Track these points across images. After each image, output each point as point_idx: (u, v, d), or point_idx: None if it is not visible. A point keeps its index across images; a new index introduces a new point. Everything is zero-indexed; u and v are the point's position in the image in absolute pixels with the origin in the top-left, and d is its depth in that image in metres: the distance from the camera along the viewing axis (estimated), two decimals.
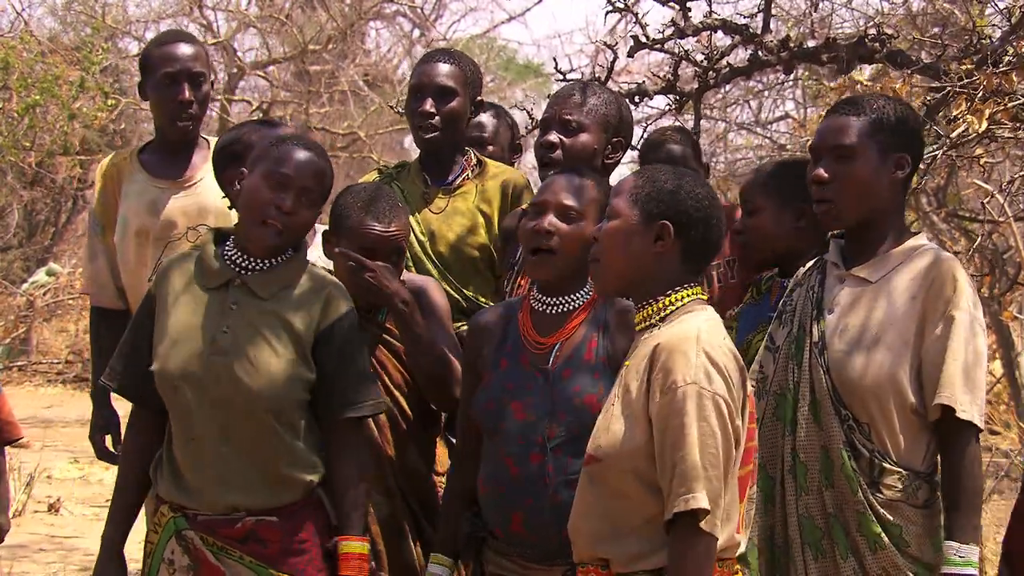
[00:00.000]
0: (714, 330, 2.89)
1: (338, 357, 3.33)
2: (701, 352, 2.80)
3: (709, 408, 2.77)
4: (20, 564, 6.83)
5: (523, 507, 3.21)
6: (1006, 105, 4.58)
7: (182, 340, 3.29)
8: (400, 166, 4.41)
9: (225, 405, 3.26)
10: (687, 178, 2.98)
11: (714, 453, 2.77)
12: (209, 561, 3.27)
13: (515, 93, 17.84)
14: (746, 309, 3.80)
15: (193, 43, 4.52)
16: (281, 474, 3.28)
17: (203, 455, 3.27)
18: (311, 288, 3.35)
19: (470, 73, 4.29)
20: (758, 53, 5.17)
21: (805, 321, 3.34)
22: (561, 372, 3.26)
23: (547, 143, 3.86)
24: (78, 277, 15.06)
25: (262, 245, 3.31)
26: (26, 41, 11.67)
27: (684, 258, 2.94)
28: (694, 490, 2.74)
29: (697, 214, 2.93)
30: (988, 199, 5.61)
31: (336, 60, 14.99)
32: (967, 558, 3.15)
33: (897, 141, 3.28)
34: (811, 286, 3.39)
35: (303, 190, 3.30)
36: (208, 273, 3.34)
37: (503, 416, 3.26)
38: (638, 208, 2.94)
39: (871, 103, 3.32)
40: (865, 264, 3.31)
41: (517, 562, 3.26)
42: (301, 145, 3.37)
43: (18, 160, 12.51)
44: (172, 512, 3.31)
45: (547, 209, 3.32)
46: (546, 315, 3.33)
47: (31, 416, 11.93)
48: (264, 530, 3.28)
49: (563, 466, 3.18)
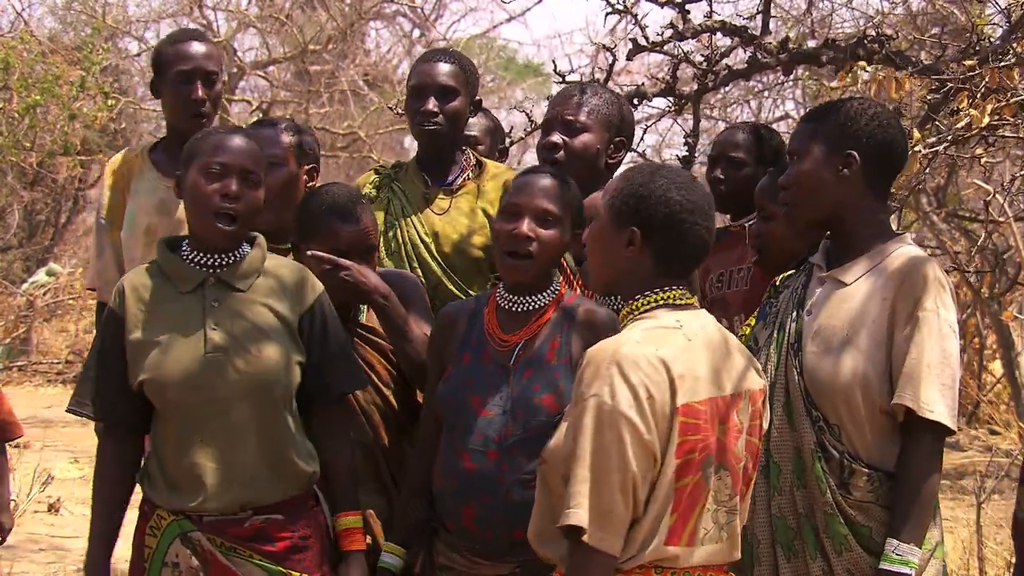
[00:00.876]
0: (649, 340, 2.81)
1: (322, 336, 3.36)
2: (613, 365, 2.76)
3: (606, 424, 2.74)
4: (20, 564, 6.83)
5: (476, 503, 3.22)
6: (1008, 100, 4.59)
7: (172, 346, 3.29)
8: (397, 166, 4.41)
9: (231, 400, 3.26)
10: (663, 182, 2.90)
11: (606, 469, 2.73)
12: (220, 561, 3.27)
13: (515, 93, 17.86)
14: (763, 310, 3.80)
15: (206, 42, 4.54)
16: (289, 465, 3.31)
17: (213, 455, 3.27)
18: (284, 272, 3.39)
19: (470, 73, 4.30)
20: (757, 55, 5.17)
21: (785, 322, 3.36)
22: (522, 371, 3.28)
23: (550, 144, 3.86)
24: (78, 277, 15.07)
25: (221, 236, 3.32)
26: (26, 41, 11.68)
27: (657, 262, 2.91)
28: (574, 506, 2.73)
29: (667, 220, 2.88)
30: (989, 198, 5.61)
31: (336, 60, 15.00)
32: (905, 557, 3.13)
33: (843, 139, 3.31)
34: (795, 287, 3.42)
35: (243, 172, 3.32)
36: (178, 278, 3.35)
37: (463, 410, 3.29)
38: (612, 212, 2.93)
39: (831, 106, 3.39)
40: (842, 266, 3.33)
41: (467, 556, 3.27)
42: (227, 132, 3.39)
43: (18, 160, 12.51)
44: (173, 515, 3.31)
45: (523, 212, 3.33)
46: (512, 313, 3.35)
47: (31, 416, 11.92)
48: (271, 528, 3.29)
49: (517, 465, 3.20)
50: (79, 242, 17.74)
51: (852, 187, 3.32)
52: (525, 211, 3.32)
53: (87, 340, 14.81)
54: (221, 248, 3.34)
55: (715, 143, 4.75)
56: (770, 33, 5.35)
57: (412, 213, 4.20)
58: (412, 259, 4.16)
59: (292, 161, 3.90)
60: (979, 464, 9.19)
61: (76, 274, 15.28)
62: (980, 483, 6.83)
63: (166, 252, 3.38)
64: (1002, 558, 6.33)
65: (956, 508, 8.06)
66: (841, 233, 3.36)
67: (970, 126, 4.61)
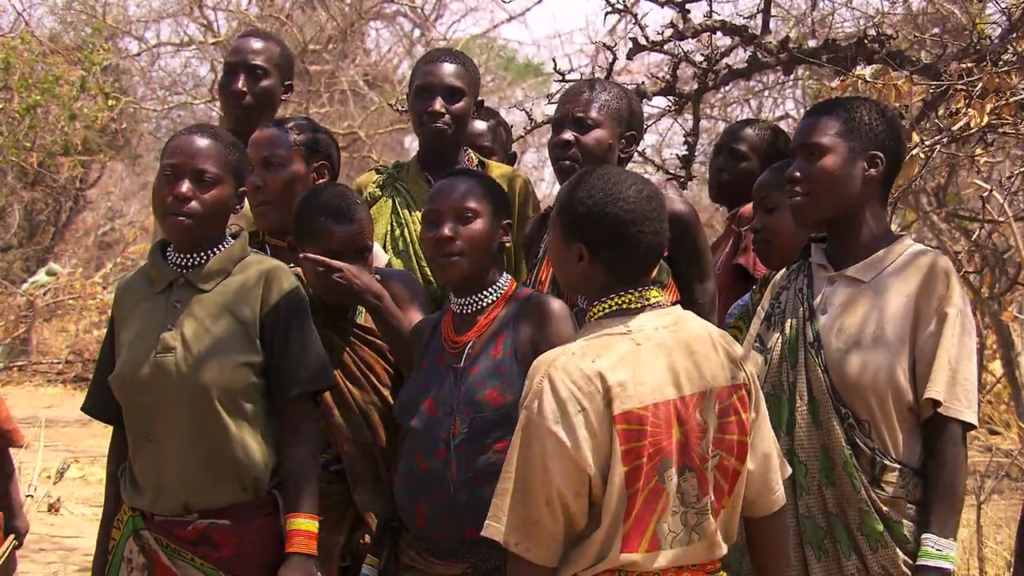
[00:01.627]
0: (588, 350, 2.82)
1: (284, 336, 3.36)
2: (545, 378, 2.78)
3: (532, 436, 2.77)
4: (20, 564, 6.81)
5: (427, 502, 3.25)
6: (1007, 100, 4.59)
7: (134, 347, 3.34)
8: (398, 166, 4.41)
9: (176, 402, 3.28)
10: (601, 195, 2.89)
11: (531, 482, 2.76)
12: (163, 562, 3.29)
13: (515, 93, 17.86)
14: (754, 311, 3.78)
15: (265, 39, 4.58)
16: (232, 468, 3.29)
17: (157, 456, 3.30)
18: (253, 273, 3.39)
19: (474, 73, 4.31)
20: (757, 54, 5.17)
21: (798, 323, 3.35)
22: (469, 369, 3.31)
23: (562, 142, 3.86)
24: (78, 277, 15.08)
25: (177, 237, 3.35)
26: (27, 41, 11.67)
27: (608, 271, 2.91)
28: (491, 518, 2.79)
29: (609, 235, 2.88)
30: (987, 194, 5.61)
31: (336, 60, 15.01)
32: (944, 552, 3.15)
33: (869, 139, 3.31)
34: (799, 288, 3.40)
35: (195, 172, 3.31)
36: (153, 279, 3.40)
37: (414, 413, 3.33)
38: (559, 228, 2.95)
39: (847, 103, 3.37)
40: (855, 265, 3.33)
41: (423, 556, 3.30)
42: (185, 132, 3.40)
43: (19, 160, 12.51)
44: (131, 511, 3.35)
45: (442, 216, 3.38)
46: (462, 315, 3.40)
47: (31, 416, 11.91)
48: (216, 533, 3.29)
49: (465, 463, 3.21)
50: (79, 242, 17.75)
51: (872, 187, 3.33)
52: (443, 214, 3.38)
53: (87, 340, 14.82)
54: (189, 248, 3.36)
55: (723, 133, 4.76)
56: (770, 33, 5.35)
57: (417, 212, 4.20)
58: (421, 258, 4.16)
59: (297, 161, 3.89)
60: (979, 464, 9.18)
61: (76, 274, 15.28)
62: (980, 483, 6.83)
63: (155, 252, 3.42)
64: (1002, 558, 6.33)
65: None
66: (849, 231, 3.35)
67: (968, 126, 4.61)
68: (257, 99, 4.48)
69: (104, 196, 18.60)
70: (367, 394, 3.65)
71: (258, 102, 4.49)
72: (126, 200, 19.20)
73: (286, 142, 3.89)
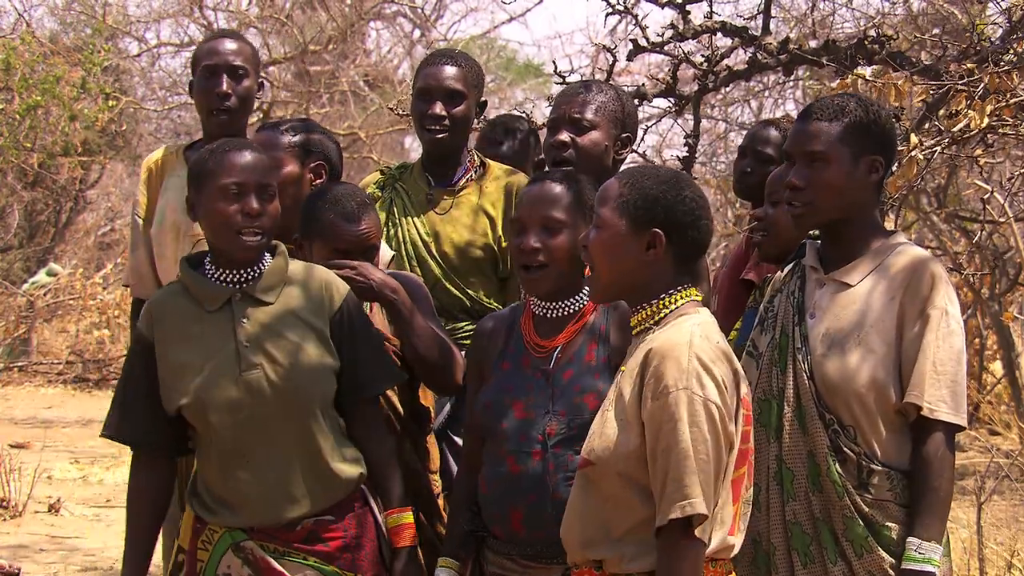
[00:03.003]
0: (707, 333, 2.88)
1: (353, 338, 3.37)
2: (693, 357, 2.81)
3: (700, 413, 2.79)
4: (20, 564, 6.82)
5: (523, 505, 3.21)
6: (1007, 101, 4.59)
7: (205, 368, 3.28)
8: (402, 167, 4.41)
9: (271, 416, 3.26)
10: (672, 181, 2.97)
11: (705, 459, 2.78)
12: (272, 566, 3.28)
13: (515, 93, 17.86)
14: (749, 312, 3.79)
15: (239, 40, 4.57)
16: (333, 474, 3.31)
17: (256, 474, 3.27)
18: (307, 279, 3.37)
19: (476, 76, 4.30)
20: (758, 55, 5.17)
21: (787, 326, 3.34)
22: (562, 373, 3.27)
23: (558, 143, 3.85)
24: (79, 278, 15.08)
25: (249, 253, 3.30)
26: (27, 42, 11.67)
27: (677, 261, 2.96)
28: (690, 496, 2.76)
29: (686, 218, 2.94)
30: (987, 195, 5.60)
31: (336, 60, 14.99)
32: (927, 555, 3.13)
33: (869, 144, 3.28)
34: (791, 291, 3.39)
35: (260, 188, 3.30)
36: (204, 298, 3.32)
37: (503, 415, 3.27)
38: (626, 217, 2.94)
39: (842, 106, 3.32)
40: (844, 267, 3.31)
41: (517, 561, 3.26)
42: (236, 148, 3.35)
43: (19, 161, 12.51)
44: (224, 527, 3.32)
45: (528, 225, 3.31)
46: (547, 319, 3.34)
47: (31, 416, 11.93)
48: (323, 530, 3.31)
49: (563, 463, 3.18)
50: (79, 242, 17.75)
51: (870, 190, 3.31)
52: (529, 223, 3.31)
53: (87, 340, 14.82)
54: (246, 263, 3.32)
55: (747, 136, 4.75)
56: (770, 33, 5.35)
57: (414, 213, 4.21)
58: (412, 259, 4.16)
59: (291, 162, 3.88)
60: (979, 465, 9.18)
61: (76, 274, 15.28)
62: (980, 483, 6.83)
63: (189, 271, 3.35)
64: (1002, 558, 6.32)
65: (956, 508, 8.04)
66: (844, 234, 3.33)
67: (968, 127, 4.61)
68: (239, 100, 4.48)
69: (104, 196, 18.60)
70: None
71: (240, 103, 4.50)
72: (126, 200, 19.17)
73: (280, 144, 3.89)
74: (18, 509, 7.89)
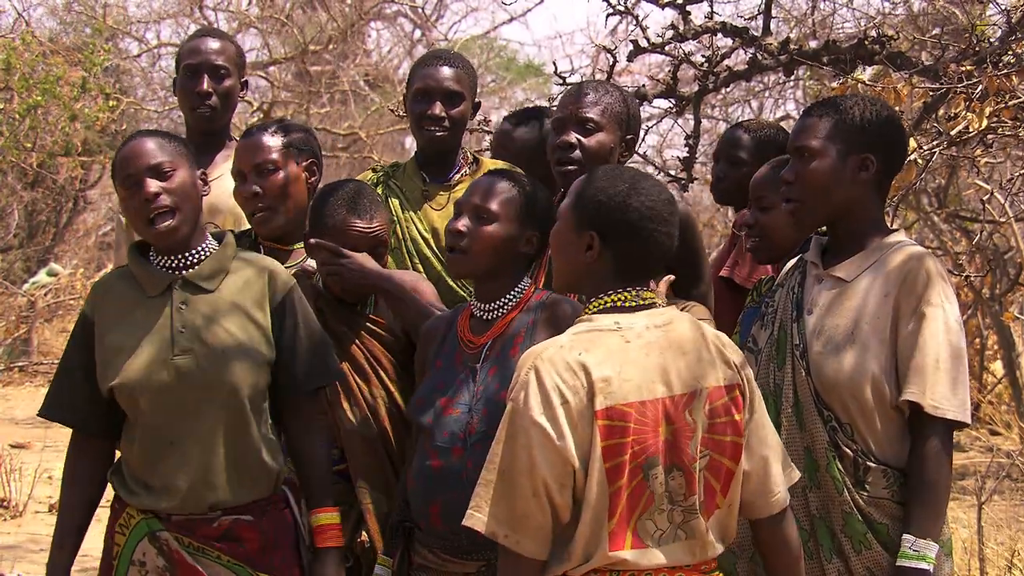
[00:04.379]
0: (576, 343, 2.83)
1: (294, 331, 3.37)
2: (532, 369, 2.80)
3: (518, 427, 2.78)
4: (20, 564, 6.82)
5: (442, 499, 3.26)
6: (1007, 103, 4.60)
7: (140, 350, 3.28)
8: (394, 166, 4.42)
9: (200, 403, 3.27)
10: (626, 188, 2.91)
11: (516, 473, 2.77)
12: (186, 561, 3.28)
13: (515, 93, 17.86)
14: (747, 312, 3.80)
15: (221, 39, 4.59)
16: (258, 466, 3.31)
17: (182, 457, 3.27)
18: (252, 270, 3.38)
19: (471, 77, 4.32)
20: (758, 56, 5.17)
21: (785, 322, 3.35)
22: (487, 369, 3.32)
23: (565, 143, 3.84)
24: (79, 278, 15.07)
25: (167, 236, 3.30)
26: (27, 42, 11.67)
27: (617, 267, 2.92)
28: (474, 508, 2.81)
29: (626, 228, 2.88)
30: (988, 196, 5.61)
31: (337, 60, 15.00)
32: (922, 552, 3.14)
33: (860, 142, 3.29)
34: (791, 287, 3.40)
35: (150, 169, 3.28)
36: (146, 282, 3.34)
37: (430, 411, 3.33)
38: (574, 216, 2.94)
39: (840, 103, 3.34)
40: (842, 263, 3.32)
41: (438, 554, 3.31)
42: (126, 142, 3.36)
43: (19, 161, 12.51)
44: (142, 514, 3.32)
45: (463, 210, 3.40)
46: (481, 319, 3.41)
47: (31, 416, 11.91)
48: (240, 528, 3.30)
49: (482, 461, 3.20)
50: (80, 242, 17.75)
51: (864, 188, 3.31)
52: (464, 208, 3.40)
53: None
54: (178, 247, 3.33)
55: (720, 140, 4.76)
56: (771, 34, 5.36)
57: (411, 210, 4.21)
58: (413, 255, 4.17)
59: (288, 163, 3.88)
60: (980, 464, 9.19)
61: (77, 274, 15.28)
62: (981, 483, 6.83)
63: (135, 256, 3.38)
64: (1002, 558, 6.33)
65: (956, 508, 8.06)
66: (842, 231, 3.34)
67: (967, 129, 4.61)
68: (221, 99, 4.50)
69: (104, 197, 18.58)
70: (375, 387, 3.67)
71: (222, 102, 4.52)
72: None
73: (269, 147, 3.88)
74: (18, 509, 7.90)
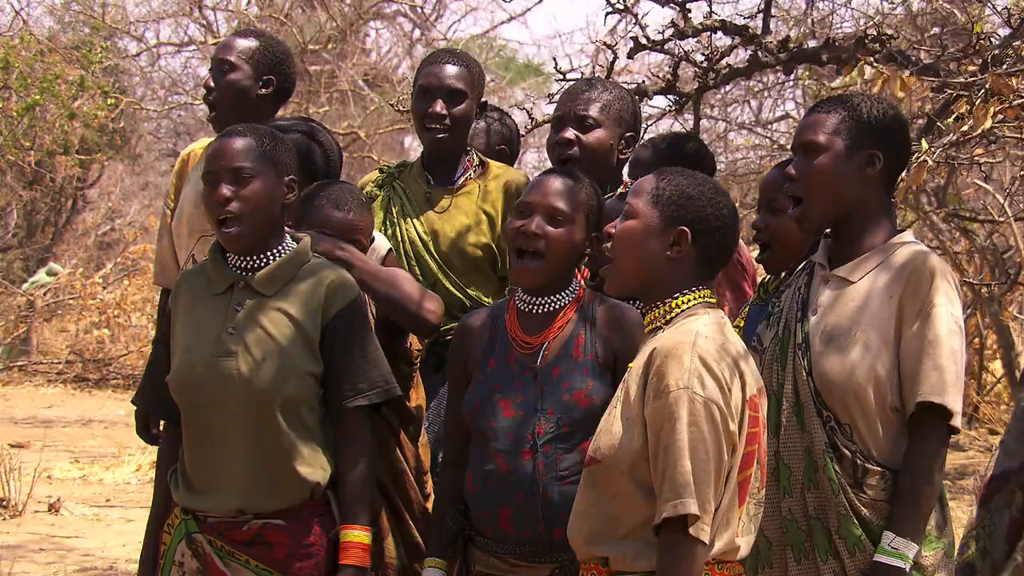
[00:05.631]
0: (715, 333, 2.88)
1: (343, 347, 3.33)
2: (695, 357, 2.81)
3: (700, 413, 2.79)
4: (20, 564, 6.82)
5: (512, 503, 3.20)
6: (1011, 103, 4.60)
7: (192, 347, 3.31)
8: (401, 166, 4.41)
9: (234, 406, 3.26)
10: (709, 185, 2.98)
11: (704, 459, 2.78)
12: (216, 566, 3.27)
13: (515, 93, 17.85)
14: (753, 309, 3.78)
15: (241, 36, 4.52)
16: (290, 475, 3.27)
17: (214, 458, 3.27)
18: (314, 281, 3.35)
19: (476, 75, 4.30)
20: (758, 54, 5.17)
21: (791, 322, 3.34)
22: (550, 370, 3.26)
23: (564, 140, 3.83)
24: (79, 277, 15.07)
25: (230, 244, 3.31)
26: (25, 40, 11.67)
27: (698, 263, 2.95)
28: (682, 495, 2.77)
29: (716, 222, 2.95)
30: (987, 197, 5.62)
31: (336, 60, 14.99)
32: (900, 551, 3.13)
33: (867, 138, 3.27)
34: (798, 287, 3.39)
35: (232, 172, 3.28)
36: (213, 280, 3.36)
37: (492, 414, 3.26)
38: (658, 210, 2.94)
39: (847, 100, 3.32)
40: (847, 264, 3.31)
41: (505, 560, 3.24)
42: (220, 137, 3.36)
43: (17, 159, 12.51)
44: (184, 515, 3.32)
45: (535, 211, 3.29)
46: (532, 315, 3.32)
47: (31, 416, 11.93)
48: (271, 534, 3.27)
49: (552, 463, 3.18)
50: (79, 242, 17.75)
51: (870, 186, 3.29)
52: (536, 209, 3.29)
53: (87, 340, 14.82)
54: (247, 251, 3.33)
55: None
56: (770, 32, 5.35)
57: (412, 212, 4.21)
58: (411, 257, 4.16)
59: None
60: (979, 464, 9.19)
61: (76, 274, 15.28)
62: (980, 483, 6.81)
63: (214, 252, 3.39)
64: None
65: (956, 508, 8.07)
66: (848, 231, 3.32)
67: (972, 128, 4.61)
68: (223, 96, 4.43)
69: (104, 196, 18.61)
70: None
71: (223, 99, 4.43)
72: (126, 200, 19.20)
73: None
74: (18, 509, 7.89)
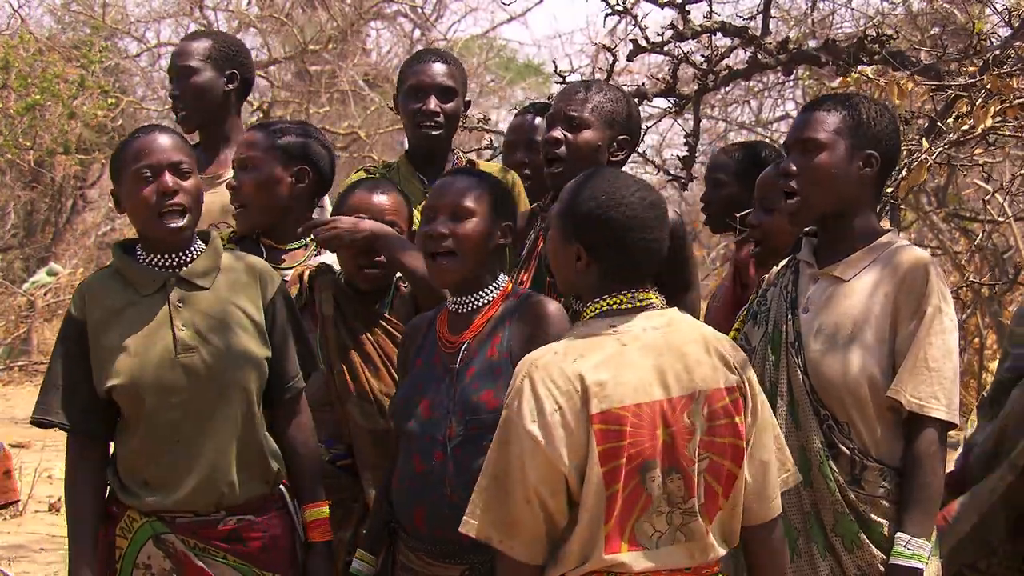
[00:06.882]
0: (570, 350, 2.84)
1: (284, 331, 3.40)
2: (526, 378, 2.81)
3: (510, 434, 2.80)
4: (20, 564, 6.83)
5: (426, 503, 3.24)
6: (1011, 102, 4.60)
7: (140, 349, 3.27)
8: (388, 166, 4.43)
9: (207, 400, 3.27)
10: (604, 198, 2.90)
11: (508, 480, 2.80)
12: (193, 562, 3.29)
13: (515, 93, 17.86)
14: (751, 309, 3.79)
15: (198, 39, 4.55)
16: (261, 463, 3.34)
17: (190, 456, 3.27)
18: (242, 269, 3.39)
19: (463, 74, 4.39)
20: (757, 55, 5.18)
21: (780, 321, 3.34)
22: (465, 370, 3.29)
23: (551, 139, 3.86)
24: (79, 277, 15.06)
25: (173, 233, 3.29)
26: (25, 40, 11.68)
27: (605, 275, 2.92)
28: (468, 514, 2.85)
29: (608, 239, 2.89)
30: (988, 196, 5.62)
31: (336, 60, 15.00)
32: (915, 551, 3.14)
33: (866, 138, 3.29)
34: (784, 285, 3.40)
35: (172, 166, 3.28)
36: (138, 282, 3.32)
37: (411, 414, 3.31)
38: (559, 228, 2.95)
39: (849, 100, 3.35)
40: (838, 262, 3.32)
41: (421, 558, 3.29)
42: (143, 132, 3.35)
43: (17, 159, 12.51)
44: (145, 517, 3.30)
45: (439, 212, 3.33)
46: (457, 314, 3.36)
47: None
48: (244, 529, 3.33)
49: (463, 465, 3.20)
50: (79, 242, 17.74)
51: (865, 186, 3.31)
52: (439, 210, 3.34)
53: None
54: (177, 246, 3.32)
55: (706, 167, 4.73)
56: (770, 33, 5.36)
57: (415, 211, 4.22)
58: None
59: (271, 164, 3.89)
60: None
61: (76, 274, 15.28)
62: None
63: (122, 255, 3.35)
64: None
65: None
66: (838, 229, 3.34)
67: (972, 128, 4.62)
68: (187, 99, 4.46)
69: (104, 196, 18.58)
70: (384, 384, 3.68)
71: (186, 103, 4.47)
72: None
73: (256, 144, 3.89)
74: (18, 509, 7.90)
